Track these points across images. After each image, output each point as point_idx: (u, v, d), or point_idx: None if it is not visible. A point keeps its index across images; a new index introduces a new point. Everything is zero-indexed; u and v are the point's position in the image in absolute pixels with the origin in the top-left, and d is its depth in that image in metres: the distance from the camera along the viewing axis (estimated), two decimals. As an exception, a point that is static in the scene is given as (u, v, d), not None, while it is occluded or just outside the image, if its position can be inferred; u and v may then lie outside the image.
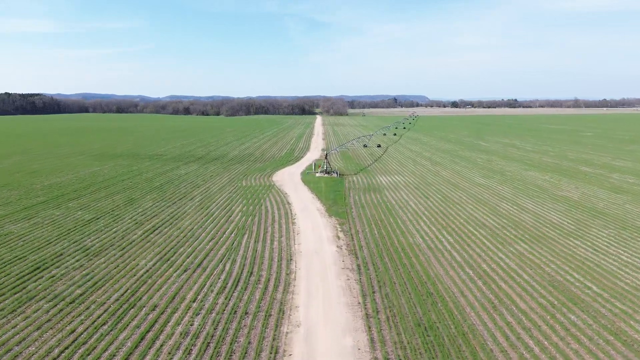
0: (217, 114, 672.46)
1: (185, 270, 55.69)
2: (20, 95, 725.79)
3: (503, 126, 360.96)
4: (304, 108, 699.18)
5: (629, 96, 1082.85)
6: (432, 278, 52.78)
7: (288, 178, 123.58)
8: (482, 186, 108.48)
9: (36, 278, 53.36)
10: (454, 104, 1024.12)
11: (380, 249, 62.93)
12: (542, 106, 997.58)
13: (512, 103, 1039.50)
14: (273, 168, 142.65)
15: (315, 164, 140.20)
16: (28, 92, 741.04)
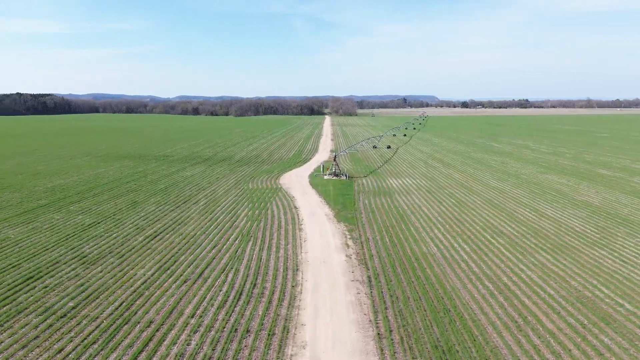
0: (226, 114, 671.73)
1: (185, 281, 52.52)
2: (31, 95, 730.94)
3: (515, 127, 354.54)
4: (313, 108, 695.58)
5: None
6: (449, 292, 49.05)
7: (296, 180, 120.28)
8: (497, 190, 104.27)
9: (28, 288, 50.54)
10: (464, 104, 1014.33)
11: (392, 259, 59.29)
12: (554, 106, 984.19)
13: (524, 103, 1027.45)
14: (280, 170, 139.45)
15: (323, 166, 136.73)
16: (39, 93, 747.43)
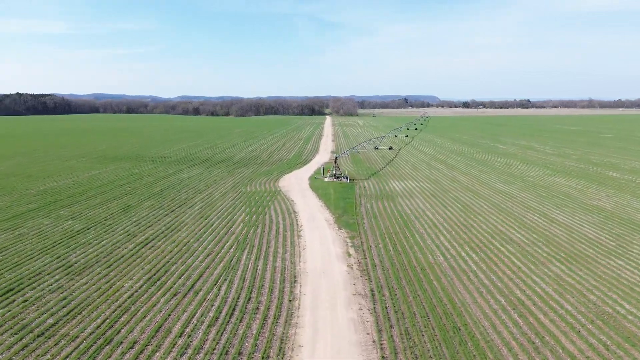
0: (227, 115, 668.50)
1: (174, 294, 49.03)
2: (31, 95, 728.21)
3: (518, 127, 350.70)
4: (314, 108, 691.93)
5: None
6: (458, 308, 45.52)
7: (295, 183, 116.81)
8: (504, 193, 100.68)
9: (7, 302, 47.11)
10: (466, 105, 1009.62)
11: (396, 269, 55.74)
12: (556, 106, 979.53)
13: (525, 103, 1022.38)
14: (280, 172, 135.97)
15: (324, 168, 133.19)
16: (39, 93, 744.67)
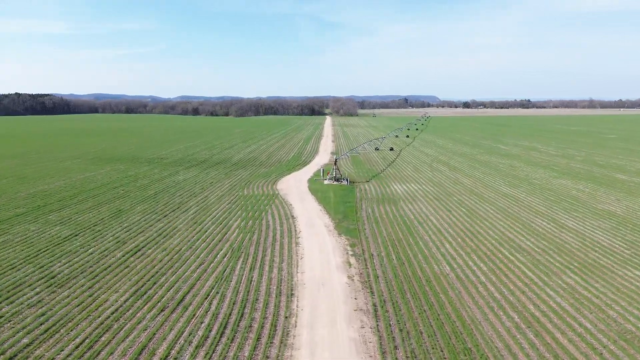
0: (226, 115, 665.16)
1: (162, 309, 45.58)
2: (30, 95, 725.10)
3: (519, 127, 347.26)
4: (314, 108, 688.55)
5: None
6: (468, 325, 42.07)
7: (294, 186, 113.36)
8: (510, 197, 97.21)
9: (-19, 318, 43.68)
10: (466, 105, 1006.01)
11: (400, 281, 52.29)
12: (557, 107, 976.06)
13: (526, 104, 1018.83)
14: (278, 174, 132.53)
15: (323, 170, 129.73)
16: (38, 93, 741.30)
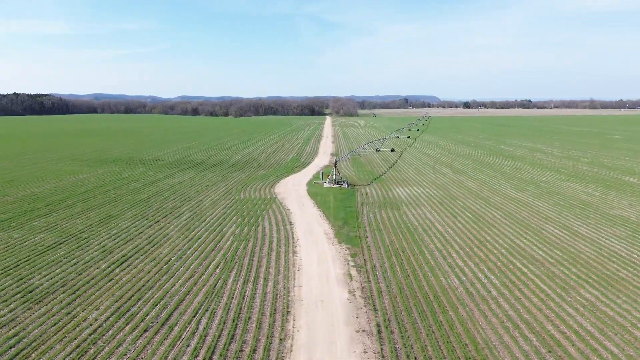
0: (226, 115, 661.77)
1: (145, 330, 41.62)
2: (28, 95, 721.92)
3: (521, 128, 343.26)
4: (314, 109, 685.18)
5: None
6: (482, 350, 38.10)
7: (292, 189, 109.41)
8: (517, 201, 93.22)
9: (-54, 340, 39.75)
10: (466, 105, 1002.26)
11: (405, 297, 48.31)
12: (557, 107, 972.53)
13: (526, 104, 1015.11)
14: (277, 176, 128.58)
15: (323, 172, 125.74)
16: (37, 93, 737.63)
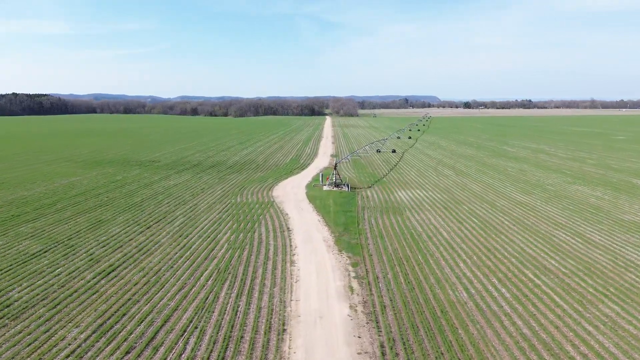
0: (225, 115, 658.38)
1: (127, 351, 38.13)
2: (27, 95, 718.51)
3: (523, 128, 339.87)
4: (314, 109, 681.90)
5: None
6: (497, 376, 34.66)
7: (291, 192, 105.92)
8: (525, 206, 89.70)
9: None
10: (467, 105, 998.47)
11: (410, 312, 44.81)
12: (558, 107, 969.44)
13: (527, 104, 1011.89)
14: (275, 178, 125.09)
15: (322, 175, 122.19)
16: (35, 93, 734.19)
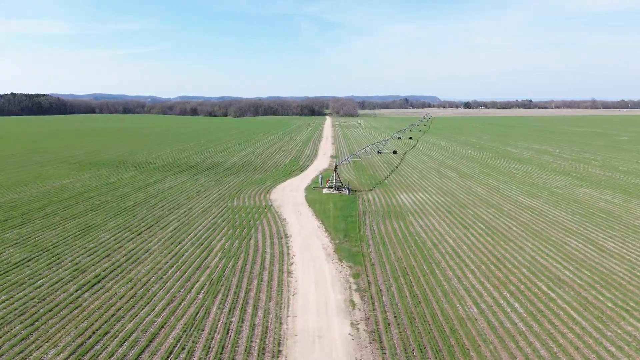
0: (225, 115, 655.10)
1: (106, 377, 34.71)
2: (26, 95, 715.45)
3: (525, 128, 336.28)
4: (314, 109, 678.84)
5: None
6: (515, 407, 31.18)
7: (289, 195, 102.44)
8: (532, 210, 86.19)
9: None
10: (467, 105, 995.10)
11: (417, 331, 41.31)
12: (559, 107, 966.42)
13: (527, 104, 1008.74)
14: (273, 180, 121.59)
15: (322, 177, 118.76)
16: (34, 93, 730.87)
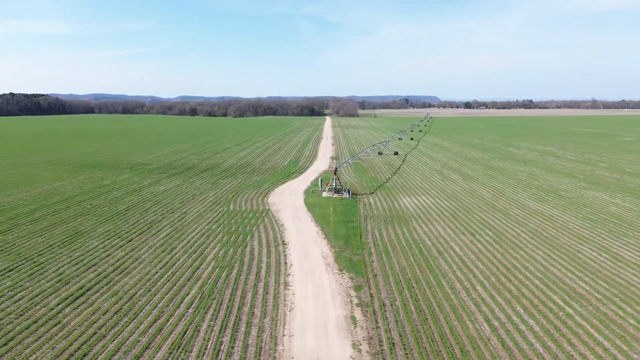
0: (225, 115, 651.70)
1: (80, 409, 31.24)
2: (24, 95, 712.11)
3: (526, 129, 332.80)
4: (314, 109, 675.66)
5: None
6: None
7: (288, 199, 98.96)
8: (541, 215, 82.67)
9: None
10: (467, 105, 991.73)
11: (424, 352, 37.79)
12: (559, 107, 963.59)
13: (528, 104, 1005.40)
14: (272, 183, 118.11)
15: (322, 179, 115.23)
16: (33, 93, 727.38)
